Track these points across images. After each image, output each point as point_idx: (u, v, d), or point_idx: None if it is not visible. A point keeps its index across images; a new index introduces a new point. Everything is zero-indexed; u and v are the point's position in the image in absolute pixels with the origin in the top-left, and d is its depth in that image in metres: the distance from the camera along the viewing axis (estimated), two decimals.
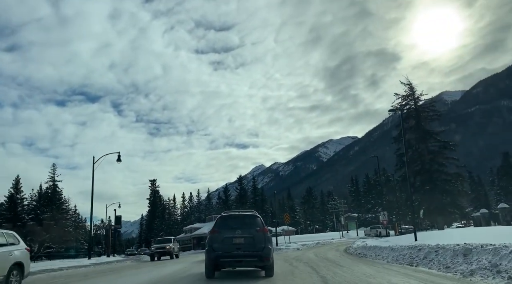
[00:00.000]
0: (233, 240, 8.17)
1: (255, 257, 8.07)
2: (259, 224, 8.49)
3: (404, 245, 13.42)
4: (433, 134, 37.77)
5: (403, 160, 39.25)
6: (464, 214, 40.39)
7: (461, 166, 37.54)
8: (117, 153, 23.53)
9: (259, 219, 8.68)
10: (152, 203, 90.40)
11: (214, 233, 8.44)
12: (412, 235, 21.62)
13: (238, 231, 8.24)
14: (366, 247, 17.40)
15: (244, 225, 8.42)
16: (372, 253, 14.91)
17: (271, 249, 8.37)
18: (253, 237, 8.17)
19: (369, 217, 76.31)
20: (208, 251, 8.35)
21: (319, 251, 21.11)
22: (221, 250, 8.14)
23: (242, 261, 8.17)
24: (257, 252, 8.05)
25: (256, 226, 8.43)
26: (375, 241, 22.66)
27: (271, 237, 9.21)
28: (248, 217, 8.80)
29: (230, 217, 8.92)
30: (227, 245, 8.14)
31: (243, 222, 8.56)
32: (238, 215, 9.02)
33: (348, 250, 20.03)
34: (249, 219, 8.66)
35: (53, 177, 75.54)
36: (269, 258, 8.13)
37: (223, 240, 8.22)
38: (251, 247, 8.09)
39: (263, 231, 8.37)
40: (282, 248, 25.09)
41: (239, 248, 8.10)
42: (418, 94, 39.17)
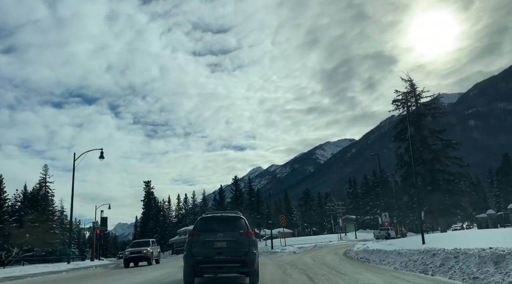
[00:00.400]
0: (214, 244, 7.53)
1: (238, 262, 7.43)
2: (243, 227, 7.83)
3: (413, 249, 11.87)
4: (435, 132, 36.36)
5: (404, 159, 37.90)
6: (468, 215, 38.99)
7: (464, 165, 36.06)
8: (100, 150, 21.94)
9: (243, 221, 8.01)
10: (146, 205, 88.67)
11: (194, 236, 7.78)
12: (417, 238, 20.09)
13: (219, 234, 7.58)
14: (368, 251, 15.83)
15: (227, 228, 7.77)
16: (376, 258, 13.35)
17: (256, 254, 7.69)
18: (236, 241, 7.53)
19: (367, 219, 74.83)
20: (186, 256, 7.68)
21: (317, 255, 19.53)
22: (201, 255, 7.49)
23: (223, 267, 7.50)
24: (240, 257, 7.41)
25: (240, 228, 7.75)
26: (377, 244, 21.10)
27: (256, 241, 8.55)
28: (231, 219, 8.16)
29: (211, 218, 8.28)
30: (208, 250, 7.50)
31: (225, 224, 7.91)
32: (220, 216, 8.40)
33: (348, 254, 18.45)
34: (232, 221, 8.01)
35: (44, 178, 73.83)
36: (253, 263, 7.47)
37: (203, 244, 7.58)
38: (233, 252, 7.45)
39: (247, 234, 7.70)
40: (277, 252, 23.46)
41: (220, 253, 7.47)
42: (419, 91, 37.77)
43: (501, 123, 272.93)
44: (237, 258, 7.41)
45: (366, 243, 23.80)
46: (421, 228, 15.56)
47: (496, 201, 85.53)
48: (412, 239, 19.76)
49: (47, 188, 74.73)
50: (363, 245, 22.05)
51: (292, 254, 21.81)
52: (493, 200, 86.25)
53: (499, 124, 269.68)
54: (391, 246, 15.84)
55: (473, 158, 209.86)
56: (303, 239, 51.76)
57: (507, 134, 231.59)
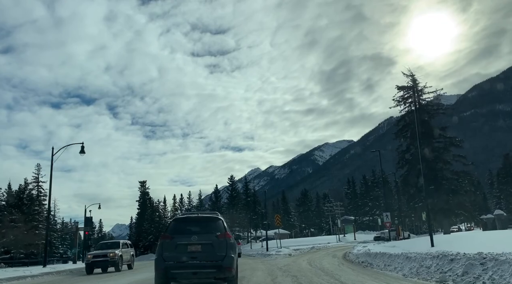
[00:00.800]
0: (188, 247, 6.96)
1: (214, 268, 6.88)
2: (220, 229, 7.28)
3: (422, 253, 10.33)
4: (437, 129, 34.79)
5: (405, 158, 36.38)
6: (472, 216, 37.52)
7: (469, 164, 34.48)
8: (81, 144, 20.33)
9: (220, 222, 7.43)
10: (141, 205, 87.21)
11: (166, 239, 7.18)
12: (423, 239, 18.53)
13: (194, 237, 7.04)
14: (370, 254, 14.28)
15: (202, 230, 7.24)
16: (380, 262, 11.79)
17: (234, 258, 7.14)
18: (211, 244, 6.96)
19: (366, 220, 73.29)
20: (157, 261, 7.04)
21: (314, 258, 17.98)
22: (173, 259, 6.91)
23: (198, 272, 6.89)
24: (216, 261, 6.87)
25: (217, 230, 7.21)
26: (379, 246, 19.54)
27: (235, 244, 7.84)
28: (207, 220, 7.58)
29: (186, 220, 7.78)
30: (181, 254, 6.93)
31: (201, 226, 7.37)
32: (196, 217, 7.83)
33: (348, 257, 16.90)
34: (208, 223, 7.44)
35: (37, 178, 72.05)
36: (231, 268, 6.93)
37: (176, 247, 7.00)
38: (209, 256, 6.91)
39: (225, 237, 7.14)
40: (271, 254, 21.87)
41: (194, 257, 6.90)
42: (421, 87, 36.21)
43: (499, 124, 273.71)
44: (213, 262, 6.84)
45: (366, 245, 22.25)
46: (429, 229, 14.06)
47: (497, 202, 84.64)
48: (417, 241, 18.23)
49: (40, 187, 73.19)
50: (363, 247, 20.49)
51: (287, 257, 20.22)
52: (494, 201, 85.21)
53: (498, 126, 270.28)
54: (396, 249, 14.29)
55: (472, 159, 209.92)
56: (300, 240, 50.23)
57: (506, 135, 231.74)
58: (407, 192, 36.99)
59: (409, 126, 36.23)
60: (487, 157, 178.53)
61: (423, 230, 64.53)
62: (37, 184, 72.39)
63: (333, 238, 48.02)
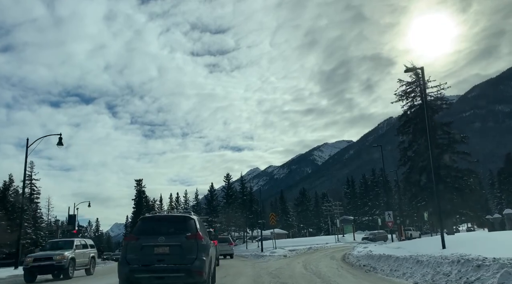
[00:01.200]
0: (155, 249, 6.47)
1: (183, 272, 6.36)
2: (191, 229, 6.75)
3: (435, 256, 8.80)
4: (441, 125, 33.30)
5: (407, 155, 34.88)
6: (477, 216, 36.01)
7: (474, 161, 32.93)
8: (58, 135, 18.78)
9: (192, 222, 6.90)
10: (137, 204, 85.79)
11: (130, 240, 6.73)
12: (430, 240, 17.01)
13: (161, 238, 6.52)
14: (373, 256, 12.73)
15: (171, 230, 6.72)
16: (385, 266, 10.23)
17: (205, 261, 6.55)
18: (180, 246, 6.48)
19: (366, 220, 71.76)
20: (120, 264, 6.58)
21: (310, 260, 16.44)
22: (138, 262, 6.42)
23: (165, 277, 6.40)
24: (185, 265, 6.35)
25: (187, 231, 6.67)
26: (381, 247, 18.00)
27: (209, 246, 7.15)
28: (178, 219, 7.15)
29: (153, 219, 7.22)
30: (146, 256, 6.45)
31: (170, 226, 6.85)
32: (164, 216, 7.45)
33: (348, 259, 15.35)
34: (178, 223, 6.94)
35: (30, 175, 70.41)
36: (201, 272, 6.39)
37: (141, 249, 6.51)
38: (177, 259, 6.41)
39: (196, 238, 6.60)
40: (265, 255, 20.32)
41: (161, 260, 6.40)
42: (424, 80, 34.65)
43: (499, 125, 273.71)
44: (182, 266, 6.30)
45: (367, 246, 20.71)
46: (441, 229, 12.52)
47: (498, 203, 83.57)
48: (423, 242, 16.67)
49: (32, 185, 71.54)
50: (364, 248, 18.95)
51: (281, 259, 18.67)
52: (495, 201, 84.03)
53: (498, 126, 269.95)
54: (402, 251, 12.74)
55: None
56: (297, 240, 48.72)
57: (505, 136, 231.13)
58: (409, 190, 35.46)
59: (412, 122, 34.73)
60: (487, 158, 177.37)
61: (424, 230, 62.96)
62: (30, 181, 70.85)
63: (332, 238, 46.51)
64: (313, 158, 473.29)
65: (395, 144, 36.60)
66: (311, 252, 24.38)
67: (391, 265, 10.01)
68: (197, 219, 7.23)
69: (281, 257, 19.78)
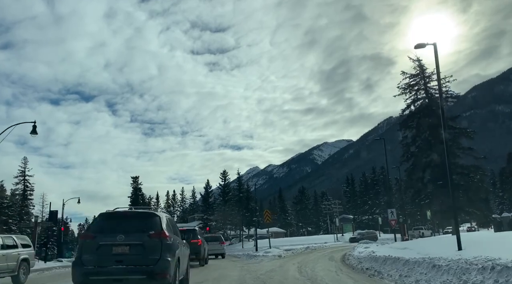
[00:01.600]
0: (113, 249, 5.83)
1: (144, 274, 5.66)
2: (155, 226, 6.04)
3: (455, 259, 7.26)
4: (446, 119, 31.64)
5: (410, 150, 33.30)
6: (485, 215, 34.47)
7: (480, 157, 31.32)
8: (32, 123, 17.22)
9: (157, 219, 6.19)
10: (133, 202, 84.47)
11: (87, 239, 6.07)
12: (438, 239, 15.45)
13: (120, 236, 5.83)
14: (376, 259, 11.16)
15: (132, 228, 5.98)
16: (392, 271, 8.67)
17: (170, 262, 5.82)
18: (142, 245, 5.81)
19: (365, 219, 70.22)
20: (74, 265, 5.92)
21: (306, 261, 14.90)
22: (94, 263, 5.78)
23: (123, 279, 5.73)
24: (147, 266, 5.66)
25: (150, 229, 5.94)
26: (385, 247, 16.43)
27: (176, 245, 6.45)
28: (140, 216, 6.41)
29: (113, 216, 6.45)
30: (103, 257, 5.78)
31: (131, 223, 6.14)
32: (125, 213, 6.62)
33: (348, 261, 13.79)
34: (141, 220, 6.23)
35: (23, 172, 68.84)
36: (165, 274, 5.71)
37: (98, 248, 5.86)
38: (138, 259, 5.73)
39: (160, 236, 5.90)
40: (257, 255, 18.77)
41: (120, 261, 5.74)
42: (429, 73, 33.07)
43: (499, 125, 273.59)
44: (143, 267, 5.75)
45: (369, 246, 19.15)
46: (456, 228, 10.98)
47: (500, 202, 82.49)
48: (433, 242, 15.10)
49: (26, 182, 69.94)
50: (365, 248, 17.39)
51: (275, 259, 17.10)
52: (496, 201, 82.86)
53: (497, 127, 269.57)
54: (410, 252, 11.17)
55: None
56: (295, 239, 47.24)
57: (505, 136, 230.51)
58: (412, 187, 33.91)
59: (415, 116, 33.14)
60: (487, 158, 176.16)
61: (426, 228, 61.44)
62: (23, 178, 69.28)
63: (331, 237, 45.02)
64: (313, 158, 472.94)
65: (395, 143, 35.04)
66: (308, 252, 22.84)
67: (400, 269, 8.43)
68: (164, 217, 6.59)
69: (275, 257, 18.23)
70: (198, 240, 14.81)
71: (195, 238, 14.76)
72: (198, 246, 14.58)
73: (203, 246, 15.03)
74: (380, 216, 56.36)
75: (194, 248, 14.50)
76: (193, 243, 14.56)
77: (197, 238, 14.81)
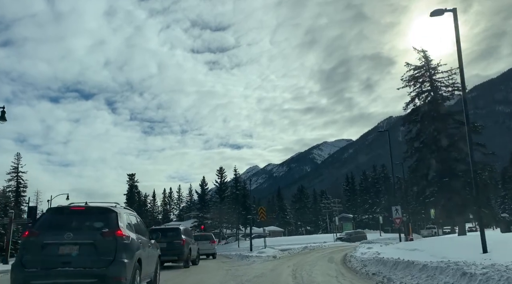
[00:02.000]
0: (59, 248, 5.15)
1: (95, 277, 5.06)
2: (110, 224, 5.33)
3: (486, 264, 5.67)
4: (452, 114, 30.09)
5: (414, 146, 31.71)
6: (494, 213, 32.86)
7: (489, 153, 29.66)
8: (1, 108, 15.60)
9: (113, 216, 5.44)
10: (128, 199, 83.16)
11: (30, 237, 5.35)
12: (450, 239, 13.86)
13: (68, 235, 5.19)
14: (383, 262, 9.55)
15: (83, 225, 5.37)
16: (406, 278, 7.04)
17: (127, 264, 5.17)
18: (93, 244, 5.18)
19: (365, 218, 68.64)
20: (14, 267, 5.23)
21: (303, 263, 13.32)
22: (37, 265, 5.11)
23: None
24: (98, 268, 5.05)
25: (104, 226, 5.30)
26: (390, 248, 14.82)
27: (135, 245, 5.56)
28: (93, 212, 5.60)
29: (62, 211, 5.69)
30: (49, 258, 5.12)
31: (82, 220, 5.46)
32: (77, 208, 5.65)
33: (350, 263, 12.19)
34: (94, 216, 5.51)
35: (16, 168, 67.26)
36: (119, 278, 5.09)
37: (42, 248, 5.18)
38: (89, 261, 5.09)
39: (114, 235, 5.23)
40: (251, 256, 17.17)
41: (67, 263, 5.08)
42: (434, 65, 31.45)
43: (499, 126, 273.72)
44: (94, 270, 5.04)
45: (372, 246, 17.54)
46: (481, 228, 9.36)
47: (501, 202, 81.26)
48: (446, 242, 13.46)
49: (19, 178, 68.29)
50: (368, 249, 15.80)
51: (268, 261, 15.50)
52: (498, 201, 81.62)
53: (497, 127, 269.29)
54: (423, 254, 9.56)
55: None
56: (293, 239, 45.68)
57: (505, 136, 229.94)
58: (416, 185, 32.33)
59: (420, 110, 31.53)
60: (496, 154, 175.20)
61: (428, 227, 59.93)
62: (16, 174, 67.67)
63: (330, 236, 43.41)
64: (313, 157, 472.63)
65: (395, 143, 33.44)
66: (306, 253, 21.25)
67: (416, 276, 6.81)
68: (124, 213, 5.84)
69: (269, 258, 16.62)
70: (181, 239, 13.22)
71: (177, 238, 13.24)
72: (181, 246, 13.03)
73: (187, 246, 13.44)
74: (381, 215, 54.74)
75: (176, 249, 13.08)
76: (175, 243, 13.13)
77: (180, 238, 13.23)
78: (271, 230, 63.52)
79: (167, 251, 13.03)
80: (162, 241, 13.39)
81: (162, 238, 13.51)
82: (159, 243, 14.31)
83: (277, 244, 30.39)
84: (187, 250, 13.45)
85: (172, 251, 12.95)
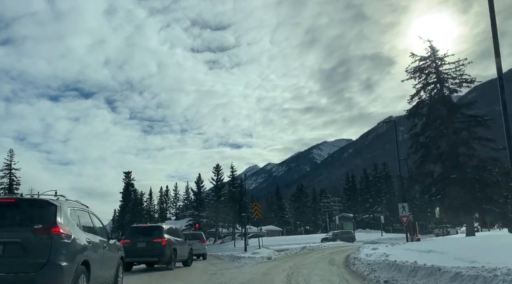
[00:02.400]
0: None
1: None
2: (47, 219, 4.57)
3: None
4: (460, 107, 28.50)
5: (419, 141, 30.12)
6: (505, 212, 31.29)
7: (499, 148, 28.05)
8: None
9: (51, 209, 4.66)
10: (124, 197, 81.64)
11: None
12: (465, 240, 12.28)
13: None
14: (397, 266, 7.93)
15: (11, 221, 4.59)
16: None
17: (64, 268, 4.38)
18: (21, 244, 4.36)
19: (366, 217, 67.10)
20: None
21: (300, 265, 11.71)
22: None
23: None
24: (26, 273, 4.25)
25: (38, 222, 4.49)
26: (398, 249, 13.19)
27: (78, 245, 4.79)
28: (26, 205, 4.83)
29: None
30: None
31: (10, 215, 4.64)
32: (4, 201, 5.01)
33: (354, 266, 10.56)
34: (26, 210, 4.72)
35: (9, 165, 65.64)
36: None
37: None
38: (14, 264, 4.28)
39: (49, 232, 4.45)
40: (242, 257, 15.57)
41: None
42: (441, 55, 29.86)
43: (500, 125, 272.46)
44: (20, 275, 4.23)
45: (377, 247, 15.92)
46: None
47: (505, 202, 79.56)
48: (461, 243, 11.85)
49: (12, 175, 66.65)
50: (373, 250, 14.20)
51: (262, 263, 13.87)
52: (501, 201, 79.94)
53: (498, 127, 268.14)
54: (443, 257, 7.94)
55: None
56: (291, 238, 44.11)
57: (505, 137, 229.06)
58: (421, 182, 30.73)
59: (425, 103, 29.95)
60: None
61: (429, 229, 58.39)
62: (9, 171, 66.03)
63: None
64: (312, 156, 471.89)
65: (395, 143, 31.84)
66: (304, 253, 19.63)
67: None
68: (67, 207, 5.00)
69: (263, 260, 15.01)
70: (162, 239, 11.61)
71: (158, 237, 11.66)
72: (161, 247, 11.45)
73: (169, 247, 11.82)
74: (382, 214, 53.18)
75: (156, 249, 11.52)
76: (154, 243, 11.56)
77: (161, 237, 11.63)
78: (269, 230, 61.94)
79: (145, 251, 11.61)
80: (141, 240, 11.95)
81: (142, 238, 12.07)
82: (138, 243, 12.95)
83: (274, 244, 28.80)
84: (170, 251, 11.83)
85: (151, 252, 11.47)
